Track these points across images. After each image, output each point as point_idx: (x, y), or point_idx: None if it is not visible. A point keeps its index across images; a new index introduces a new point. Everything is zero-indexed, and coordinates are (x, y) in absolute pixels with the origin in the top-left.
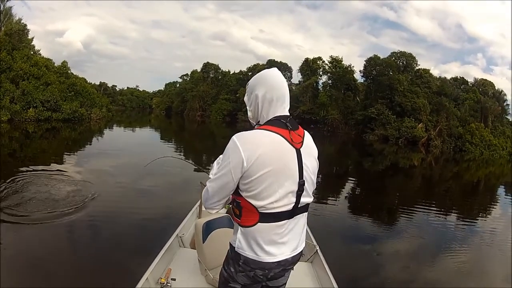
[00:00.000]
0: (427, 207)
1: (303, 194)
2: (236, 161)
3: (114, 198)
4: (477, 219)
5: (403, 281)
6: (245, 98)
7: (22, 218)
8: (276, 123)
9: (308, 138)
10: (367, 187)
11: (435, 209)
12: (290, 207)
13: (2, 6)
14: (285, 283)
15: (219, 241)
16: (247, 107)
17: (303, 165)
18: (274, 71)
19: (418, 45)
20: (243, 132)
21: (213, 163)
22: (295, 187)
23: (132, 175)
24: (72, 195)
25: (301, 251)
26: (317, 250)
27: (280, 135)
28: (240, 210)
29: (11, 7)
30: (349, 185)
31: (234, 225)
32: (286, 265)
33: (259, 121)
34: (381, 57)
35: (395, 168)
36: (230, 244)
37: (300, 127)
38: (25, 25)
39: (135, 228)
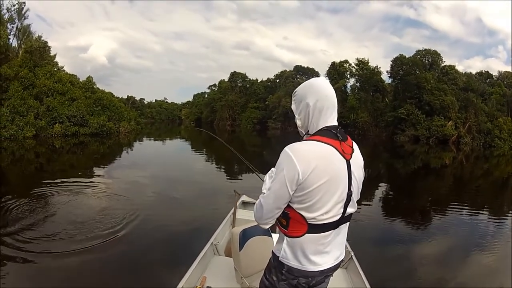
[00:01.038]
0: (459, 206)
1: (349, 204)
2: (292, 174)
3: (147, 209)
4: (508, 216)
5: (437, 283)
6: (293, 107)
7: (53, 235)
8: (327, 134)
9: (356, 148)
10: (400, 189)
11: (467, 208)
12: (337, 217)
13: (20, 24)
14: None
15: (255, 249)
16: (295, 115)
17: (352, 176)
18: (324, 80)
19: (440, 42)
20: (295, 143)
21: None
22: (344, 198)
23: (164, 185)
24: (104, 208)
25: (343, 259)
26: (352, 256)
27: (332, 146)
28: (288, 221)
29: (29, 24)
30: (381, 188)
31: (279, 235)
32: (328, 273)
33: (308, 131)
34: (406, 56)
35: (427, 168)
36: (273, 253)
37: (348, 137)
38: (46, 42)
39: (169, 238)
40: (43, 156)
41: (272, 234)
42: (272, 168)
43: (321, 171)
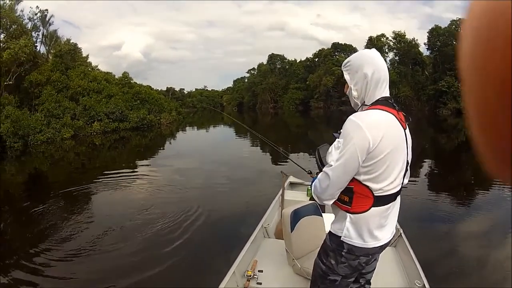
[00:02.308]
0: (502, 183)
1: (405, 175)
2: (362, 142)
3: (196, 196)
4: None
5: (484, 260)
6: (347, 77)
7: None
8: (386, 103)
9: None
10: (444, 165)
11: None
12: (398, 188)
13: (45, 31)
14: (375, 268)
15: (306, 229)
16: (350, 86)
17: (408, 146)
18: (376, 52)
19: None
20: (360, 112)
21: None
22: (403, 168)
23: (210, 172)
24: (153, 199)
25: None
26: (401, 233)
27: (393, 115)
28: (351, 197)
29: (55, 30)
30: (426, 164)
31: (338, 214)
32: (384, 247)
33: (364, 102)
34: (442, 27)
35: (471, 143)
36: (331, 234)
37: None
38: (75, 44)
39: (219, 223)
40: (83, 155)
41: (323, 214)
42: (338, 139)
43: (388, 139)
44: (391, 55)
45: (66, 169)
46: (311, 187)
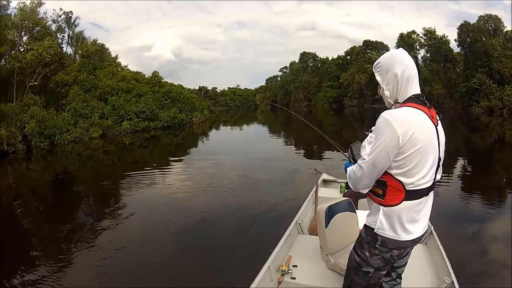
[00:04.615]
0: None
1: (438, 170)
2: (392, 138)
3: (230, 193)
4: None
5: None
6: (378, 78)
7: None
8: (417, 101)
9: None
10: (477, 164)
11: None
12: (430, 183)
13: (71, 33)
14: (407, 263)
15: (340, 226)
16: (382, 86)
17: (439, 142)
18: (404, 51)
19: (495, 7)
20: (392, 110)
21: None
22: (435, 164)
23: (244, 169)
24: (187, 196)
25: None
26: (432, 230)
27: (424, 112)
28: (384, 190)
29: (81, 31)
30: (459, 163)
31: (373, 207)
32: (416, 242)
33: (397, 100)
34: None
35: (502, 142)
36: (366, 227)
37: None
38: (103, 44)
39: (253, 220)
40: (112, 153)
41: (356, 211)
42: (370, 134)
43: (418, 135)
44: (422, 52)
45: (94, 168)
46: (345, 171)
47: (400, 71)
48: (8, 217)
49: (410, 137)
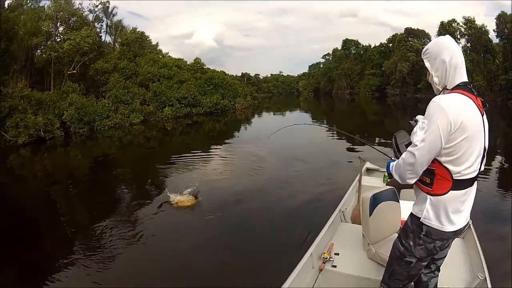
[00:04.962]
0: None
1: (482, 161)
2: (444, 124)
3: (274, 180)
4: None
5: None
6: (427, 65)
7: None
8: (465, 89)
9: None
10: None
11: None
12: (475, 173)
13: (109, 22)
14: (446, 255)
15: (384, 215)
16: (431, 73)
17: (485, 132)
18: (451, 38)
19: None
20: (442, 95)
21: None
22: (481, 154)
23: (288, 156)
24: (230, 182)
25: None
26: (470, 224)
27: (472, 100)
28: (432, 178)
29: (120, 20)
30: (498, 158)
31: (420, 196)
32: (458, 234)
33: (445, 86)
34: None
35: None
36: (412, 216)
37: None
38: (142, 32)
39: (296, 207)
40: (154, 139)
41: (400, 201)
42: (422, 120)
43: (467, 123)
44: (463, 41)
45: (135, 153)
46: (387, 169)
47: (448, 58)
48: (44, 203)
49: (461, 124)
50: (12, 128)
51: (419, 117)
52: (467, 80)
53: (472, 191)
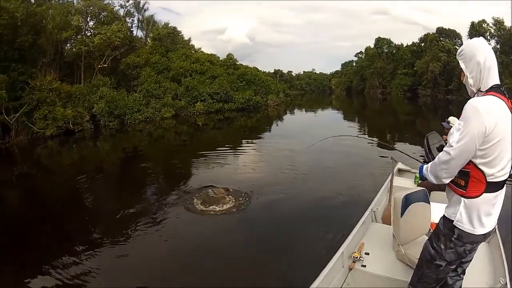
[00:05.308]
0: None
1: None
2: (479, 127)
3: (307, 178)
4: None
5: None
6: (462, 66)
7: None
8: (497, 91)
9: None
10: None
11: None
12: (506, 176)
13: (141, 17)
14: (472, 258)
15: (415, 216)
16: (466, 74)
17: None
18: (484, 40)
19: None
20: (477, 98)
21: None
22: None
23: (319, 154)
24: (260, 179)
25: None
26: (495, 229)
27: (505, 103)
28: (467, 181)
29: (152, 15)
30: None
31: (453, 198)
32: (486, 237)
33: (479, 88)
34: None
35: None
36: (445, 218)
37: None
38: (174, 27)
39: (329, 205)
40: (185, 134)
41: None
42: (458, 121)
43: (502, 125)
44: (492, 43)
45: (165, 147)
46: (420, 172)
47: (482, 60)
48: (70, 194)
49: (495, 126)
50: (40, 120)
51: (451, 118)
52: (499, 83)
53: (502, 194)
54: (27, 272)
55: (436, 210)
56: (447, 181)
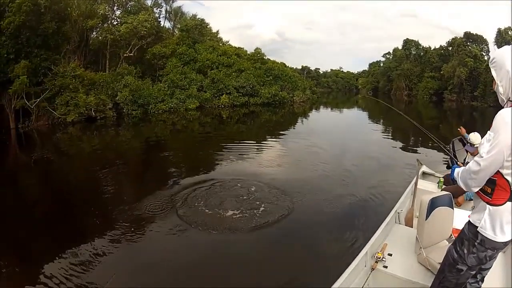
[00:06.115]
0: None
1: None
2: (508, 139)
3: (331, 177)
4: None
5: None
6: (493, 74)
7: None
8: None
9: None
10: None
11: None
12: None
13: (169, 8)
14: (491, 266)
15: (439, 220)
16: (497, 82)
17: None
18: None
19: None
20: (506, 109)
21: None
22: None
23: (343, 154)
24: (282, 178)
25: None
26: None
27: None
28: (493, 188)
29: (179, 6)
30: None
31: (479, 205)
32: (506, 245)
33: (509, 98)
34: None
35: None
36: (470, 224)
37: None
38: (202, 19)
39: (353, 206)
40: (209, 125)
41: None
42: (489, 132)
43: None
44: None
45: (188, 137)
46: (452, 173)
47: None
48: (87, 180)
49: None
50: (61, 106)
51: (472, 136)
52: None
53: None
54: (34, 260)
55: (458, 216)
56: (475, 189)
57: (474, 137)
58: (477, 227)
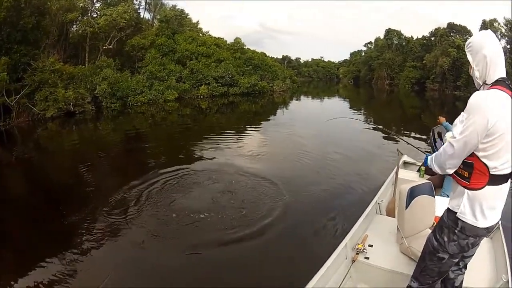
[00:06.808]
0: None
1: None
2: (482, 121)
3: (309, 168)
4: None
5: None
6: (469, 58)
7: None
8: (503, 84)
9: None
10: None
11: None
12: (509, 169)
13: None
14: (474, 253)
15: (419, 209)
16: (473, 66)
17: None
18: (492, 33)
19: None
20: (481, 92)
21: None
22: None
23: (323, 144)
24: (262, 170)
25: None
26: (499, 225)
27: (510, 96)
28: (470, 172)
29: None
30: None
31: (457, 190)
32: (490, 231)
33: (485, 81)
34: None
35: None
36: (449, 211)
37: None
38: (182, 10)
39: (332, 197)
40: (188, 117)
41: (436, 197)
42: (462, 113)
43: (505, 119)
44: (503, 42)
45: (167, 129)
46: (425, 162)
47: (489, 53)
48: (69, 175)
49: (498, 120)
50: (40, 102)
51: (448, 134)
52: (505, 76)
53: (506, 187)
54: (19, 260)
55: (441, 204)
56: (450, 171)
57: (449, 134)
58: (456, 213)
